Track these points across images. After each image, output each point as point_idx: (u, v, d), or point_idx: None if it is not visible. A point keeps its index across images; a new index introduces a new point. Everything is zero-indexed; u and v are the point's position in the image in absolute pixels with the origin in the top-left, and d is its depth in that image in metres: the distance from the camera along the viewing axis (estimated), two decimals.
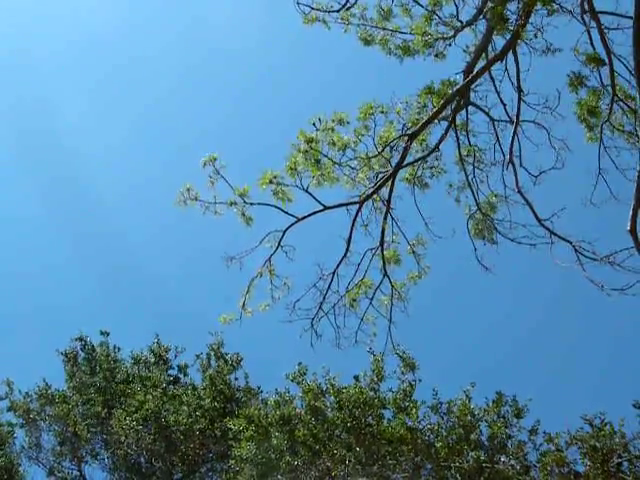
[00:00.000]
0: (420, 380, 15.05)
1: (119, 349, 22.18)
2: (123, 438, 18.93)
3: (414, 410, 14.23)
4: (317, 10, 13.40)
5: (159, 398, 19.21)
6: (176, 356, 22.00)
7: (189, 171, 13.81)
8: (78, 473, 20.82)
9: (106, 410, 20.07)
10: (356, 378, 15.58)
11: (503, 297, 24.39)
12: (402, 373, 14.87)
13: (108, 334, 22.22)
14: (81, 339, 21.99)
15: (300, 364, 16.09)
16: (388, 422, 14.35)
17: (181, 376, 21.68)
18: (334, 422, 14.61)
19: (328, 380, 15.41)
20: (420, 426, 14.26)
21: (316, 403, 14.92)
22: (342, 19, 13.38)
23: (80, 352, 21.92)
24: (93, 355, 21.73)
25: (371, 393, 15.03)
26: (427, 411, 14.59)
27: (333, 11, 13.60)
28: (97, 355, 21.69)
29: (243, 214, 12.82)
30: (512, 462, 12.89)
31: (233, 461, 15.69)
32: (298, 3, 13.39)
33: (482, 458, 13.09)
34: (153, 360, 21.80)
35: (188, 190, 12.69)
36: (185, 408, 18.92)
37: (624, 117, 12.65)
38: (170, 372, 21.81)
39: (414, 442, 13.75)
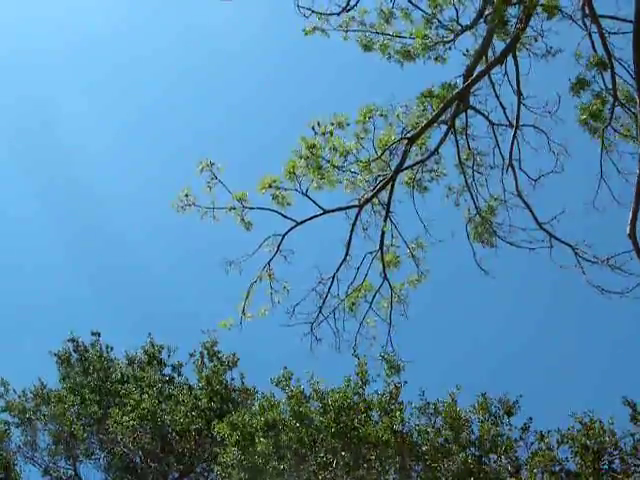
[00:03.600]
0: (406, 382, 14.96)
1: (112, 348, 22.12)
2: (120, 437, 18.89)
3: (398, 413, 14.18)
4: (317, 13, 13.37)
5: (155, 397, 19.17)
6: (169, 356, 21.98)
7: (187, 171, 13.75)
8: (73, 472, 20.80)
9: (102, 410, 20.01)
10: (346, 381, 15.44)
11: (502, 300, 24.41)
12: (387, 376, 14.78)
13: (99, 335, 22.15)
14: (73, 340, 21.92)
15: (285, 368, 15.98)
16: (374, 425, 14.28)
17: (175, 375, 21.64)
18: (319, 427, 14.57)
19: (312, 385, 15.32)
20: (406, 428, 14.22)
21: (300, 409, 14.83)
22: (341, 26, 13.33)
23: (73, 353, 21.85)
24: (86, 356, 21.65)
25: (355, 397, 14.95)
26: (415, 412, 14.55)
27: (333, 14, 13.56)
28: (90, 356, 21.60)
29: (242, 219, 12.77)
30: (503, 461, 12.88)
31: (219, 467, 15.66)
32: (298, 6, 13.34)
33: (471, 459, 13.07)
34: (147, 360, 21.72)
35: (186, 195, 12.60)
36: (181, 408, 18.88)
37: (626, 121, 12.64)
38: (164, 372, 21.76)
39: (400, 445, 13.72)
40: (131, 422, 18.41)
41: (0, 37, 31.30)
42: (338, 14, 13.59)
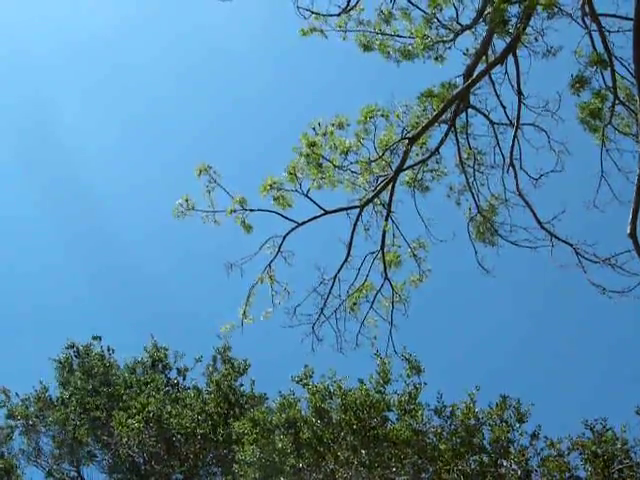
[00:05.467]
0: (426, 383, 14.96)
1: (113, 351, 21.98)
2: (125, 440, 18.82)
3: (420, 412, 14.18)
4: (317, 14, 13.36)
5: (161, 401, 19.07)
6: (175, 361, 21.83)
7: (187, 172, 13.77)
8: (77, 474, 20.76)
9: (105, 413, 19.93)
10: (361, 381, 15.50)
11: (503, 300, 24.38)
12: (407, 376, 14.80)
13: (100, 339, 21.97)
14: (73, 346, 21.79)
15: (307, 366, 15.96)
16: (392, 424, 14.29)
17: (180, 379, 21.53)
18: (339, 424, 14.57)
19: (335, 382, 15.34)
20: (424, 429, 14.19)
21: (322, 405, 14.85)
22: (340, 26, 13.31)
23: (74, 359, 21.72)
24: (87, 361, 21.46)
25: (377, 395, 14.97)
26: (430, 414, 14.53)
27: (333, 15, 13.55)
28: (91, 360, 21.42)
29: (243, 222, 12.77)
30: (514, 467, 12.85)
31: (237, 465, 15.62)
32: (298, 7, 13.33)
33: (485, 461, 13.04)
34: (151, 363, 21.57)
35: (186, 201, 12.58)
36: (188, 412, 18.74)
37: (627, 119, 12.63)
38: (170, 374, 21.63)
39: (419, 444, 13.70)
40: (136, 424, 18.31)
41: (1, 37, 31.27)
42: (338, 15, 13.58)
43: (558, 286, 20.54)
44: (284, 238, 12.96)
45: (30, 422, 20.45)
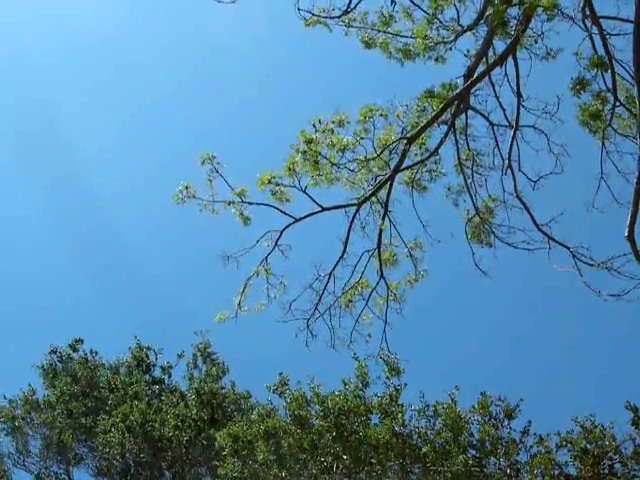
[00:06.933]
0: (406, 384, 14.84)
1: (96, 353, 21.79)
2: (107, 449, 18.63)
3: (400, 415, 14.09)
4: (317, 16, 13.40)
5: (144, 412, 18.81)
6: (157, 357, 21.70)
7: (187, 171, 13.80)
8: (66, 477, 20.61)
9: (91, 417, 19.77)
10: (344, 383, 15.33)
11: (500, 301, 24.39)
12: (387, 378, 14.69)
13: (82, 341, 21.82)
14: (55, 351, 21.69)
15: (281, 374, 15.76)
16: (374, 427, 14.17)
17: (165, 378, 21.40)
18: (320, 431, 14.44)
19: (312, 388, 15.19)
20: (407, 430, 14.08)
21: (301, 412, 14.71)
22: (343, 22, 13.36)
23: (58, 364, 21.57)
24: (71, 365, 21.29)
25: (356, 400, 14.84)
26: (414, 414, 14.43)
27: (334, 17, 13.59)
28: (75, 364, 21.24)
29: (241, 213, 12.79)
30: (502, 464, 12.75)
31: None
32: (299, 9, 13.37)
33: (470, 462, 12.94)
34: (135, 364, 21.41)
35: (187, 188, 12.66)
36: (171, 420, 18.44)
37: (627, 120, 12.65)
38: (154, 373, 21.51)
39: (401, 447, 13.59)
40: (117, 436, 18.12)
41: (1, 37, 31.36)
42: (339, 17, 13.63)
43: (555, 288, 20.56)
44: (281, 233, 12.97)
45: (16, 424, 20.29)
